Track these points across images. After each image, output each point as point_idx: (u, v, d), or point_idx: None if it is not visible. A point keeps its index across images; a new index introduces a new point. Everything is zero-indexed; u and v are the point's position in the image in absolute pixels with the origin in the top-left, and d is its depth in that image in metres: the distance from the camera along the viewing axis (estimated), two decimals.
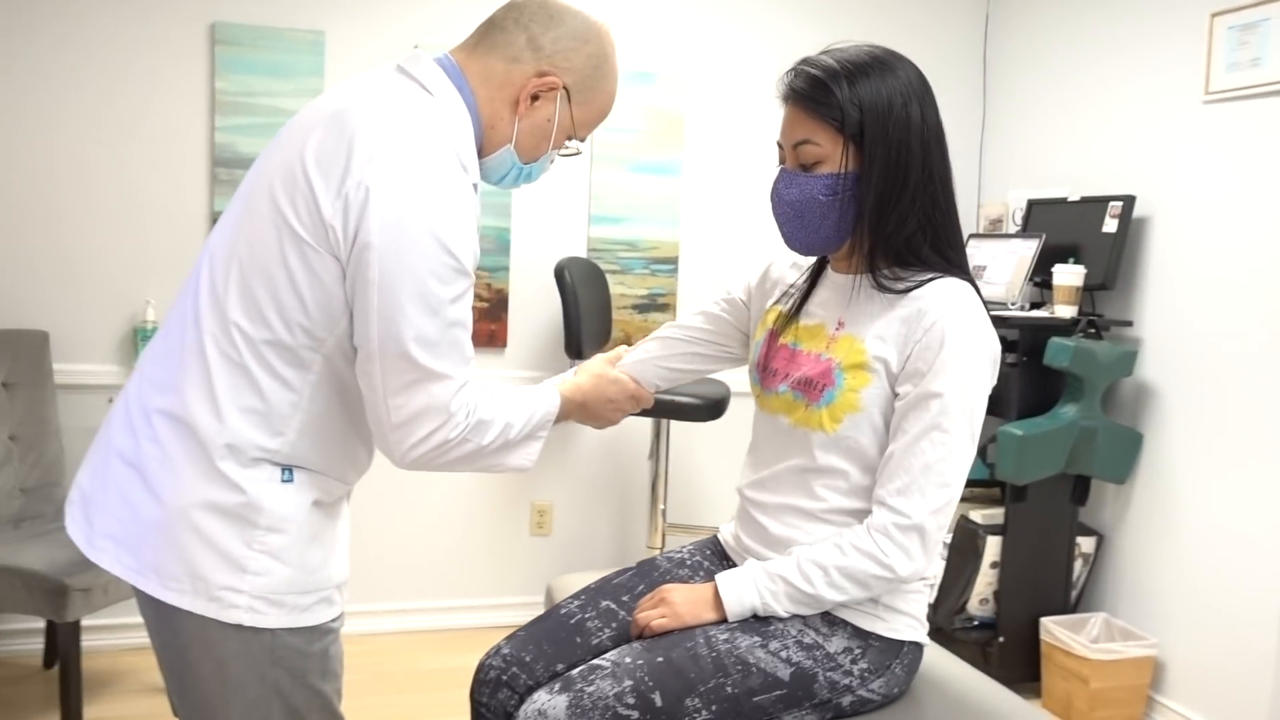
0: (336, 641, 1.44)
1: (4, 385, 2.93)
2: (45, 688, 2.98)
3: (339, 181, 1.29)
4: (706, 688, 1.38)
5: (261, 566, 1.33)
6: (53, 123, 3.07)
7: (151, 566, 1.32)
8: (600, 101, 1.49)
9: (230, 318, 1.32)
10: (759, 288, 1.71)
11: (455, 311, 1.32)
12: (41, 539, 2.73)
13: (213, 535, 1.31)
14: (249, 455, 1.33)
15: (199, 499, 1.31)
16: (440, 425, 1.33)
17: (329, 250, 1.30)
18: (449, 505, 3.51)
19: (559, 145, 1.49)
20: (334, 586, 1.42)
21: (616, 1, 3.51)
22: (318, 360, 1.34)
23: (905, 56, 1.49)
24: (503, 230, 3.45)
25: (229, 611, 1.32)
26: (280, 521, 1.34)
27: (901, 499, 1.39)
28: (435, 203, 1.29)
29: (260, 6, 3.18)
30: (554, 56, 1.42)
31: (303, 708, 1.39)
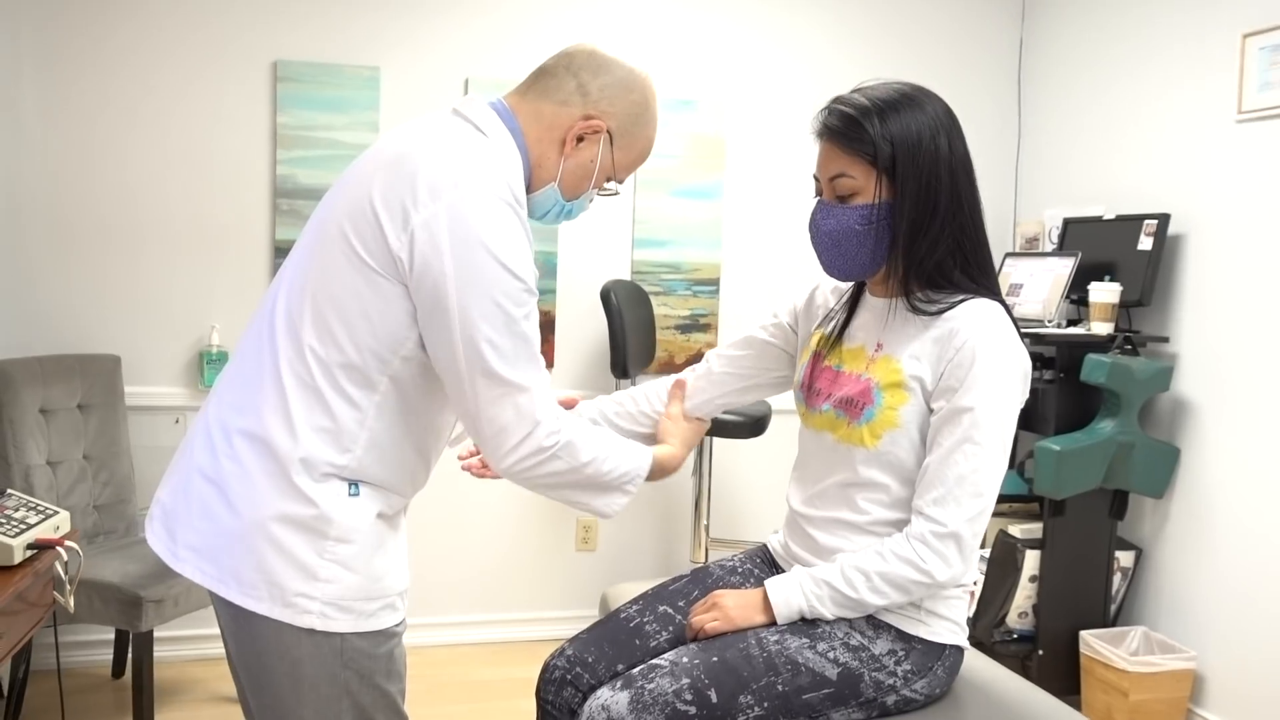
0: (400, 645, 1.55)
1: (79, 407, 3.08)
2: (114, 697, 3.12)
3: (404, 218, 1.40)
4: (759, 685, 1.47)
5: (332, 574, 1.42)
6: (125, 157, 3.24)
7: (231, 574, 1.42)
8: (640, 146, 1.59)
9: (305, 342, 1.42)
10: (805, 311, 1.80)
11: (527, 328, 1.44)
12: (115, 553, 2.87)
13: (287, 545, 1.41)
14: (320, 471, 1.42)
15: (275, 512, 1.41)
16: (530, 432, 1.44)
17: (397, 278, 1.40)
18: (498, 522, 3.62)
19: (599, 185, 1.60)
20: (397, 594, 1.52)
21: (659, 32, 3.63)
22: (384, 381, 1.44)
23: (933, 92, 1.59)
24: (550, 255, 3.57)
25: (303, 617, 1.42)
26: (348, 532, 1.44)
27: (938, 508, 1.47)
28: (497, 233, 1.39)
29: (319, 45, 3.34)
30: (600, 102, 1.53)
31: (370, 706, 1.49)
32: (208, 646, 3.35)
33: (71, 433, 3.03)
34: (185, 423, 3.31)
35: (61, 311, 3.22)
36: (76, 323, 3.23)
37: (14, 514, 2.01)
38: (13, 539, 1.92)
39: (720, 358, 1.87)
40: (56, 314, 3.21)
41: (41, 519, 2.04)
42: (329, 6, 3.35)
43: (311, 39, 3.33)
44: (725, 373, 1.85)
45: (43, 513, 2.08)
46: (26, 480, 2.81)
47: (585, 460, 1.50)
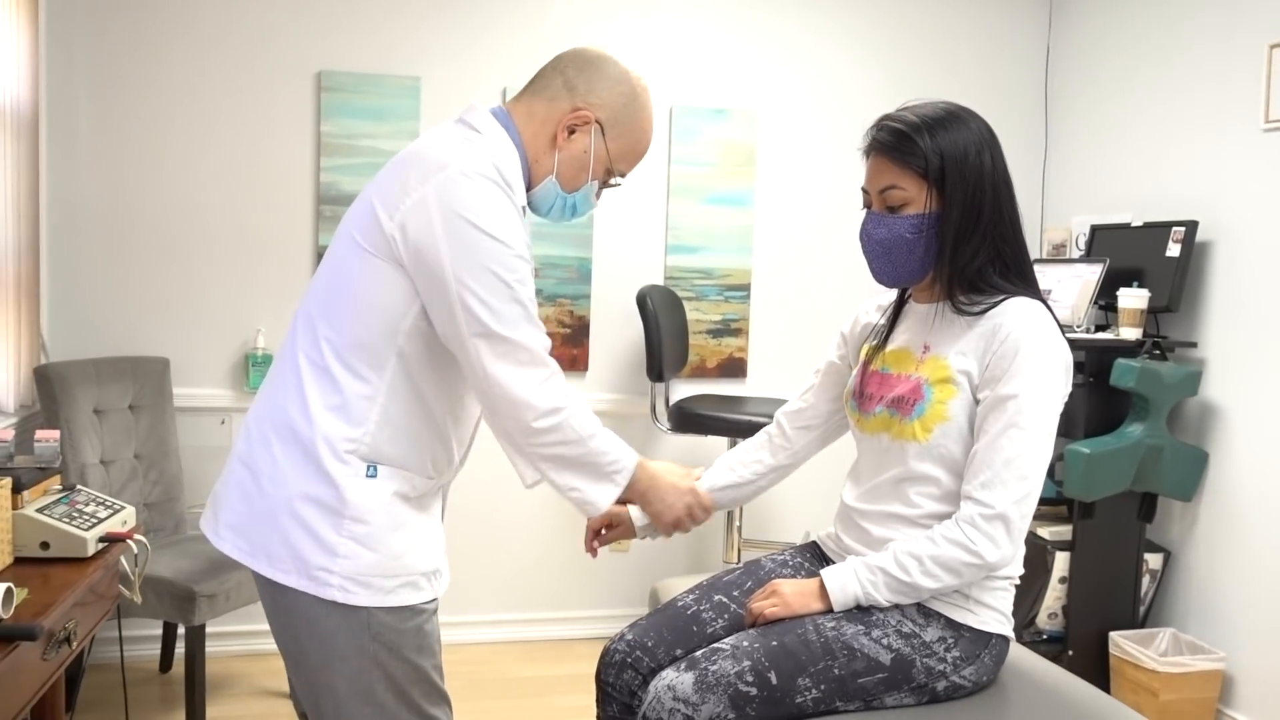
0: (430, 621, 1.62)
1: (130, 408, 3.16)
2: (161, 690, 3.19)
3: (396, 201, 1.51)
4: (816, 669, 1.54)
5: (349, 551, 1.52)
6: (174, 167, 3.33)
7: (262, 550, 1.55)
8: (633, 136, 1.67)
9: (319, 332, 1.55)
10: (853, 336, 1.89)
11: (521, 290, 1.51)
12: (167, 550, 2.95)
13: (309, 522, 1.52)
14: (339, 449, 1.52)
15: (298, 491, 1.53)
16: (541, 384, 1.51)
17: (390, 258, 1.51)
18: (533, 524, 3.69)
19: (599, 177, 1.67)
20: (420, 573, 1.59)
21: (692, 42, 3.71)
22: (391, 359, 1.54)
23: (974, 111, 1.67)
24: (584, 260, 3.64)
25: (325, 589, 1.52)
26: (364, 513, 1.53)
27: (986, 492, 1.54)
28: (482, 206, 1.49)
29: (362, 55, 3.43)
30: (588, 95, 1.62)
31: (401, 679, 1.57)
32: (256, 642, 3.43)
33: (123, 433, 3.11)
34: (231, 423, 3.40)
35: (114, 316, 3.31)
36: (128, 326, 3.32)
37: (85, 508, 2.09)
38: (86, 532, 1.99)
39: (788, 416, 1.94)
40: (109, 318, 3.31)
41: (110, 513, 2.12)
42: (372, 19, 3.43)
43: (354, 50, 3.42)
44: (797, 428, 1.93)
45: (110, 507, 2.15)
46: (82, 478, 2.90)
47: (588, 433, 1.57)
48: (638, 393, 3.71)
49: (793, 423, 1.93)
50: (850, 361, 1.87)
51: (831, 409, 1.91)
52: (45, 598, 1.78)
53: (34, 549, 1.95)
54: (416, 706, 1.59)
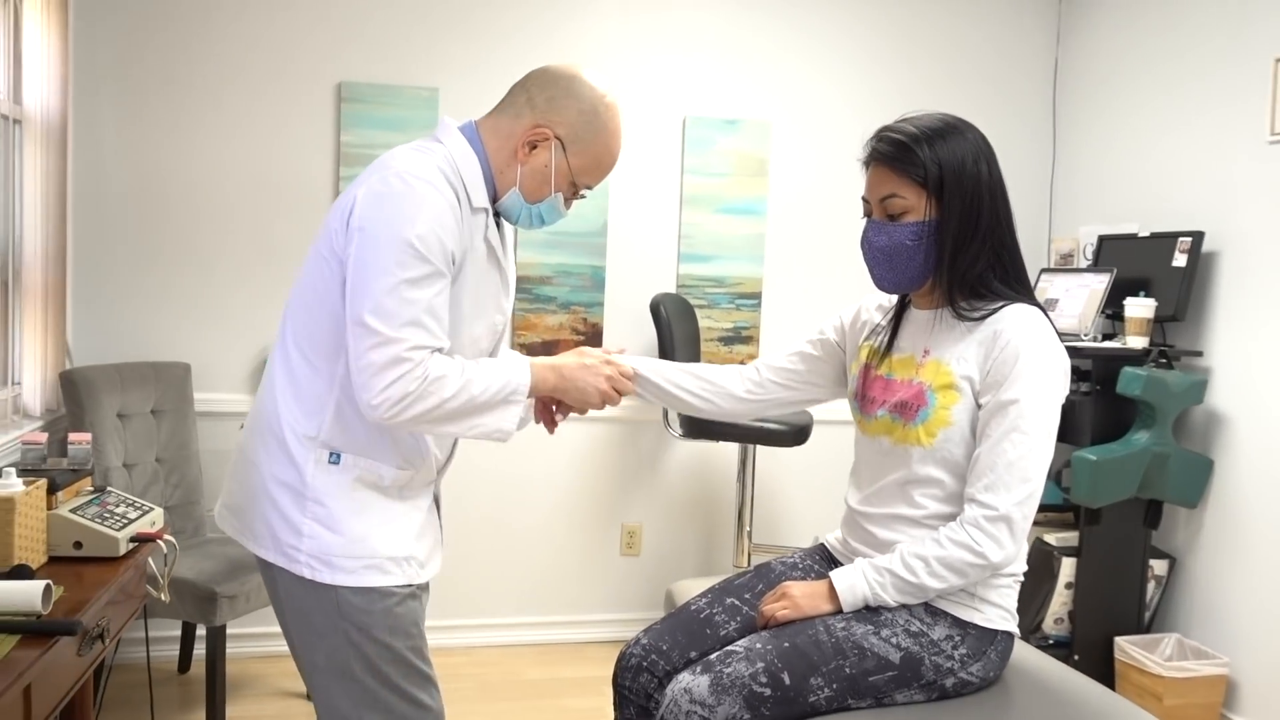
0: (404, 604, 1.70)
1: (152, 413, 3.23)
2: (180, 691, 3.25)
3: (347, 199, 1.62)
4: (828, 669, 1.59)
5: (312, 531, 1.65)
6: (197, 176, 3.40)
7: (249, 527, 1.70)
8: (595, 152, 1.71)
9: (289, 328, 1.69)
10: (852, 327, 1.92)
11: (414, 292, 1.56)
12: (188, 552, 3.01)
13: (280, 502, 1.66)
14: (302, 436, 1.65)
15: (270, 474, 1.67)
16: (399, 378, 1.54)
17: (336, 256, 1.61)
18: (545, 527, 3.74)
19: (562, 189, 1.72)
20: (386, 557, 1.68)
21: (704, 54, 3.77)
22: (342, 351, 1.63)
23: (971, 123, 1.72)
24: (598, 268, 3.70)
25: (295, 565, 1.65)
26: (322, 495, 1.65)
27: (989, 494, 1.59)
28: (405, 205, 1.56)
29: (382, 67, 3.49)
30: (548, 112, 1.68)
31: (375, 658, 1.67)
32: (274, 643, 3.48)
33: (145, 436, 3.18)
34: None
35: (137, 322, 3.38)
36: (151, 332, 3.39)
37: (115, 509, 2.15)
38: (118, 532, 2.05)
39: (767, 366, 1.96)
40: (133, 324, 3.37)
41: (140, 514, 2.18)
42: (391, 31, 3.50)
43: (374, 62, 3.49)
44: (772, 380, 1.95)
45: (140, 509, 2.21)
46: (106, 481, 2.95)
47: (450, 393, 1.59)
48: (652, 407, 3.75)
49: (772, 374, 1.94)
50: (844, 348, 1.91)
51: (814, 381, 1.93)
52: (79, 595, 1.84)
53: (67, 548, 2.01)
54: (395, 685, 1.68)
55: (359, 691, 1.66)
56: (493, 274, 1.75)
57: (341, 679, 1.67)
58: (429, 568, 1.77)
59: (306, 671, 1.72)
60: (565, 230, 3.63)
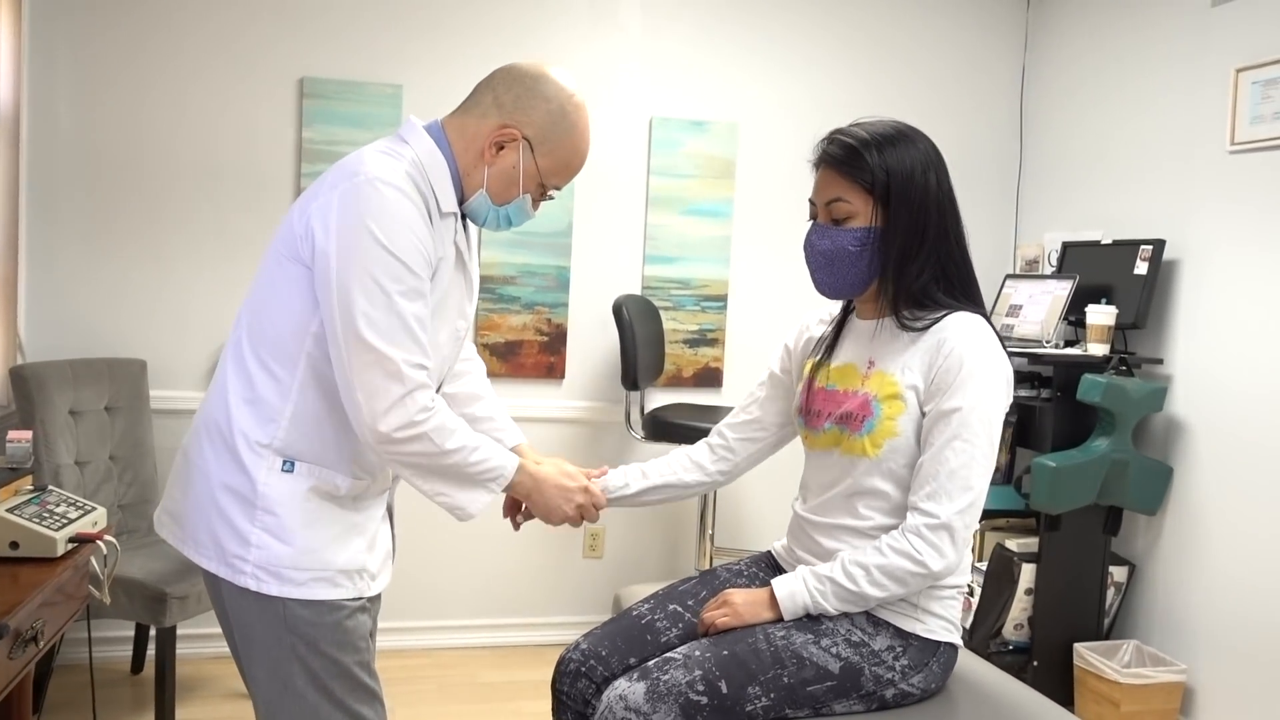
0: (353, 618, 1.65)
1: (106, 409, 3.18)
2: (132, 692, 3.21)
3: (306, 204, 1.58)
4: (766, 678, 1.57)
5: (260, 541, 1.58)
6: (154, 170, 3.35)
7: (191, 536, 1.63)
8: (563, 152, 1.68)
9: (244, 332, 1.63)
10: (796, 349, 1.92)
11: (402, 304, 1.53)
12: (140, 551, 2.96)
13: (227, 511, 1.59)
14: (254, 442, 1.58)
15: (219, 481, 1.60)
16: (400, 400, 1.52)
17: (300, 260, 1.56)
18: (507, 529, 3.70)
19: (530, 190, 1.69)
20: (337, 570, 1.63)
21: (672, 56, 3.75)
22: (302, 359, 1.59)
23: (923, 132, 1.71)
24: (563, 269, 3.67)
25: (239, 576, 1.59)
26: (273, 505, 1.59)
27: (931, 502, 1.58)
28: (379, 214, 1.52)
29: (345, 63, 3.46)
30: (515, 112, 1.64)
31: (320, 672, 1.61)
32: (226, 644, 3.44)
33: (99, 434, 3.13)
34: None
35: (91, 317, 3.33)
36: (105, 328, 3.34)
37: (55, 509, 2.11)
38: (56, 532, 2.01)
39: (729, 426, 1.98)
40: (87, 319, 3.32)
41: (81, 514, 2.14)
42: (354, 27, 3.46)
43: (337, 57, 3.45)
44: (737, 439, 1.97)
45: (81, 508, 2.17)
46: (56, 479, 2.91)
47: (452, 447, 1.58)
48: (613, 401, 3.74)
49: (736, 434, 1.96)
50: (794, 374, 1.90)
51: (777, 421, 1.94)
52: (12, 597, 1.80)
53: (3, 548, 1.97)
54: (338, 700, 1.63)
55: (301, 706, 1.61)
56: (459, 279, 1.71)
57: (284, 693, 1.61)
58: (380, 580, 1.72)
59: (249, 682, 1.67)
60: (530, 230, 3.60)
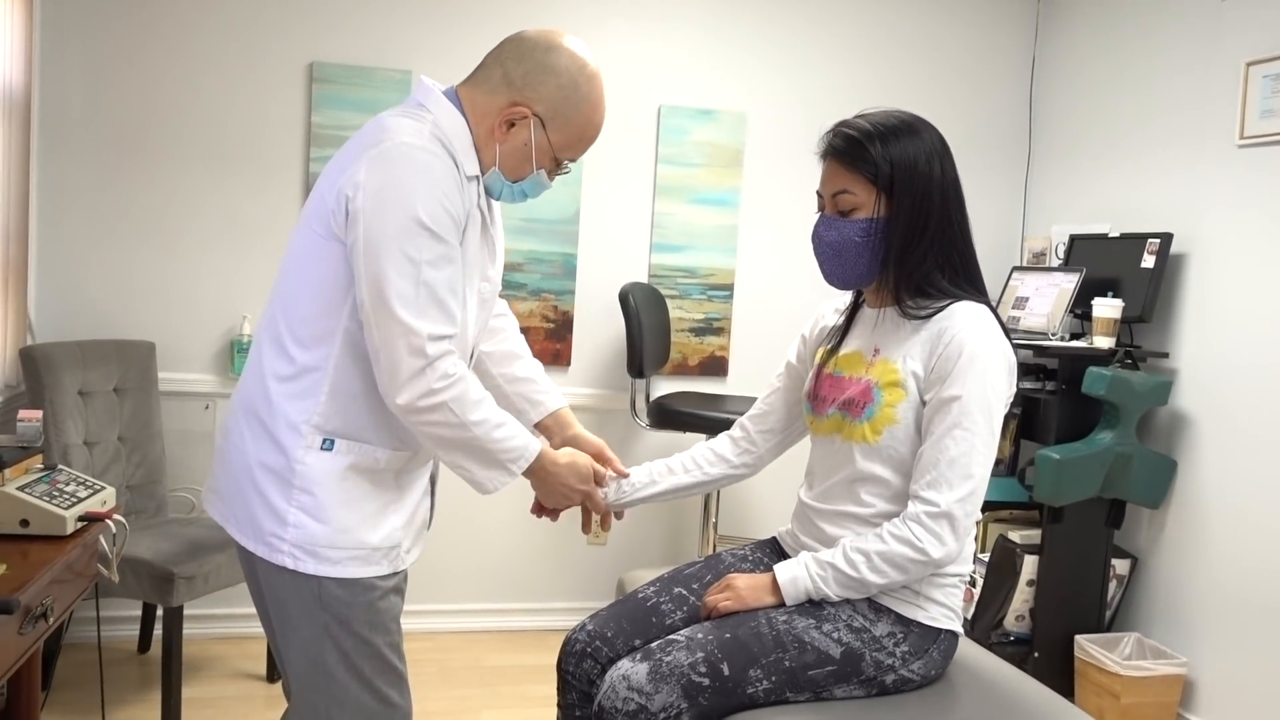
0: (386, 598, 1.65)
1: (115, 391, 3.20)
2: (139, 671, 3.23)
3: (336, 176, 1.56)
4: (768, 661, 1.59)
5: (297, 520, 1.58)
6: (164, 154, 3.36)
7: (232, 514, 1.64)
8: (576, 127, 1.65)
9: (277, 310, 1.62)
10: (812, 338, 1.93)
11: (431, 272, 1.52)
12: (148, 531, 2.99)
13: (265, 490, 1.60)
14: (293, 422, 1.58)
15: (256, 460, 1.60)
16: (421, 370, 1.52)
17: (332, 235, 1.55)
18: (512, 514, 3.73)
19: (545, 165, 1.67)
20: (371, 548, 1.63)
21: (679, 43, 3.75)
22: (338, 335, 1.58)
23: (929, 122, 1.72)
24: (569, 256, 3.68)
25: (276, 555, 1.59)
26: (310, 484, 1.59)
27: (931, 491, 1.59)
28: (409, 181, 1.50)
29: (354, 48, 3.46)
30: (524, 89, 1.61)
31: (352, 652, 1.62)
32: (234, 625, 3.47)
33: (107, 415, 3.15)
34: (215, 408, 3.43)
35: (101, 299, 3.34)
36: (115, 310, 3.36)
37: (65, 488, 2.13)
38: (65, 511, 2.03)
39: (753, 419, 1.98)
40: (96, 301, 3.34)
41: (90, 493, 2.16)
42: (364, 12, 3.47)
43: (346, 42, 3.46)
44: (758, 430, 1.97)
45: (90, 487, 2.19)
46: (65, 459, 2.93)
47: (474, 419, 1.57)
48: (619, 388, 3.76)
49: (757, 426, 1.97)
50: (808, 363, 1.91)
51: (795, 413, 1.95)
52: (23, 574, 1.81)
53: (14, 526, 1.99)
54: (367, 681, 1.63)
55: (331, 685, 1.62)
56: (483, 242, 1.69)
57: (315, 672, 1.62)
58: (413, 553, 1.74)
59: (282, 660, 1.68)
60: (537, 217, 3.62)
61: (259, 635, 3.33)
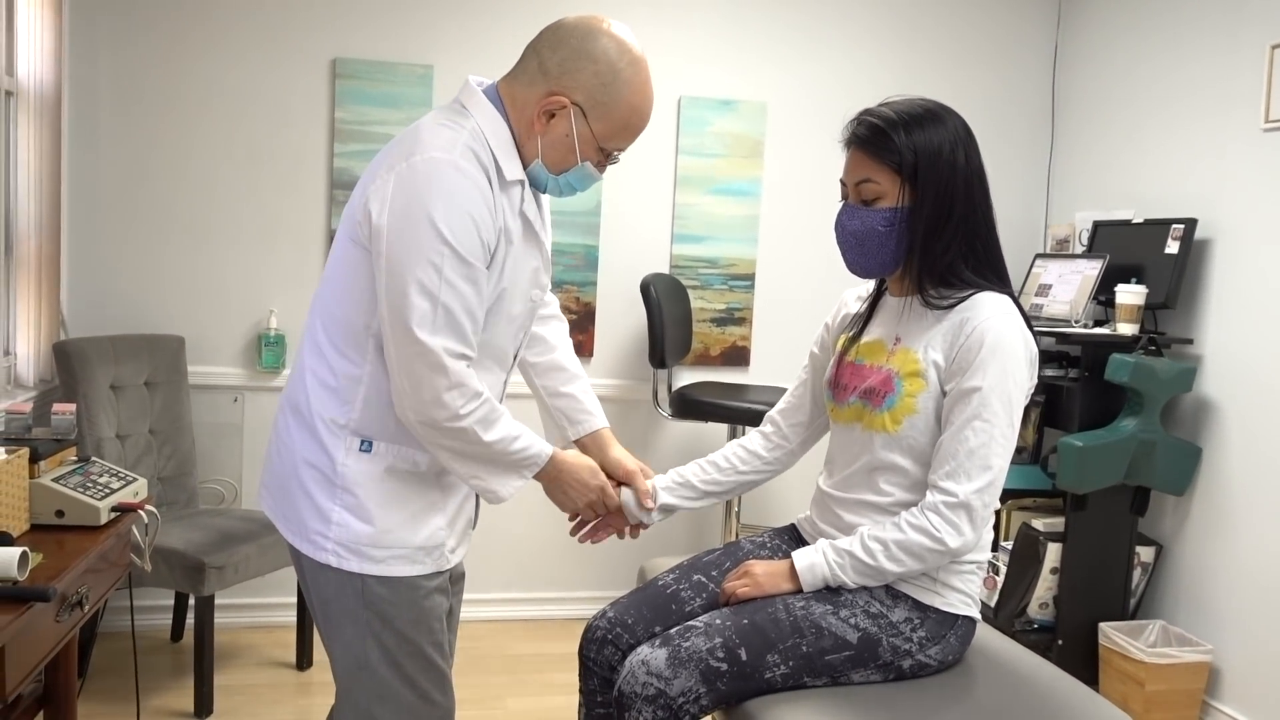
0: (430, 598, 1.66)
1: (145, 384, 3.26)
2: (172, 659, 3.30)
3: (368, 184, 1.56)
4: (785, 646, 1.61)
5: (341, 519, 1.60)
6: (191, 151, 3.41)
7: (281, 510, 1.67)
8: (619, 115, 1.58)
9: (318, 314, 1.63)
10: (836, 326, 1.94)
11: (450, 295, 1.49)
12: (179, 522, 3.04)
13: (309, 487, 1.62)
14: (333, 424, 1.60)
15: (302, 457, 1.62)
16: (443, 394, 1.51)
17: (360, 244, 1.55)
18: (536, 504, 3.75)
19: (590, 157, 1.61)
20: (415, 547, 1.63)
21: (700, 34, 3.76)
22: (370, 340, 1.59)
23: (952, 109, 1.71)
24: (591, 248, 3.70)
25: (320, 553, 1.61)
26: (352, 484, 1.60)
27: (950, 481, 1.60)
28: (437, 198, 1.47)
29: (377, 44, 3.50)
30: (561, 78, 1.56)
31: (395, 650, 1.63)
32: (264, 614, 3.53)
33: (139, 408, 3.21)
34: (244, 401, 3.49)
35: (132, 294, 3.40)
36: (145, 305, 3.41)
37: (99, 479, 2.18)
38: (99, 501, 2.08)
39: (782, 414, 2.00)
40: (127, 296, 3.40)
41: (123, 484, 2.21)
42: (386, 7, 3.50)
43: (369, 38, 3.49)
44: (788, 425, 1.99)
45: (123, 479, 2.24)
46: (98, 451, 2.99)
47: (492, 439, 1.57)
48: (641, 379, 3.78)
49: (788, 420, 1.99)
50: (830, 351, 1.92)
51: (822, 403, 1.95)
52: (59, 563, 1.86)
53: (49, 517, 2.04)
54: (409, 678, 1.64)
55: (374, 681, 1.63)
56: (532, 250, 1.66)
57: (359, 668, 1.63)
58: (459, 551, 1.74)
59: (329, 655, 1.70)
60: (559, 209, 3.64)
61: (289, 624, 3.38)
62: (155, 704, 2.97)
